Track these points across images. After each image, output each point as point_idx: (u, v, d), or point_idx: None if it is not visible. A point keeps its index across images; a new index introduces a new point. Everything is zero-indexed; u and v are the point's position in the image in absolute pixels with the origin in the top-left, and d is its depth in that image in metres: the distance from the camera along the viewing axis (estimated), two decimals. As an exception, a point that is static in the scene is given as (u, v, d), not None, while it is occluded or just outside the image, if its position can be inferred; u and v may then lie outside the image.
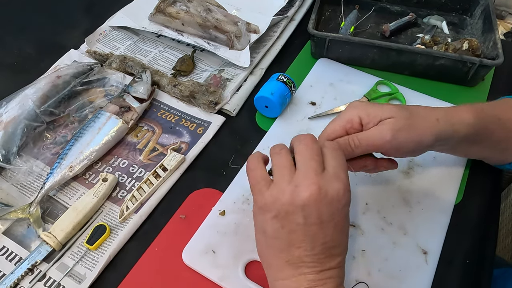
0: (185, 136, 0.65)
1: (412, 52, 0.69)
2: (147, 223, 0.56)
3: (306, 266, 0.39)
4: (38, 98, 0.64)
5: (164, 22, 0.79)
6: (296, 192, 0.38)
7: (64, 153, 0.59)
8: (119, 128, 0.62)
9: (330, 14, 0.84)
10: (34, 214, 0.55)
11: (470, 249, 0.54)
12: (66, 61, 0.75)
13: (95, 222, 0.55)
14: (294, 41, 0.80)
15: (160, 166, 0.60)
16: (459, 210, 0.56)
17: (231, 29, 0.75)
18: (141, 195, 0.57)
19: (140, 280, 0.51)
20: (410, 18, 0.81)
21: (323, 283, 0.39)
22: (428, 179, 0.59)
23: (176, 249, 0.52)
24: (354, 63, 0.74)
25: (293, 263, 0.39)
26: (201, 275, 0.50)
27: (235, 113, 0.68)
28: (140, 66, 0.72)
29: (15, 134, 0.61)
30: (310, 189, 0.38)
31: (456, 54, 0.68)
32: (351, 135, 0.47)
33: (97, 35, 0.80)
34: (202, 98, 0.67)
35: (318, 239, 0.39)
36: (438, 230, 0.54)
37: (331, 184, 0.39)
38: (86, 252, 0.53)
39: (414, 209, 0.56)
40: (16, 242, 0.54)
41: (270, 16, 0.80)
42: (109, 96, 0.69)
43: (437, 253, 0.52)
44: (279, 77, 0.66)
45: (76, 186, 0.59)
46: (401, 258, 0.52)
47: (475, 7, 0.81)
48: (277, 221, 0.39)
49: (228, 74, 0.73)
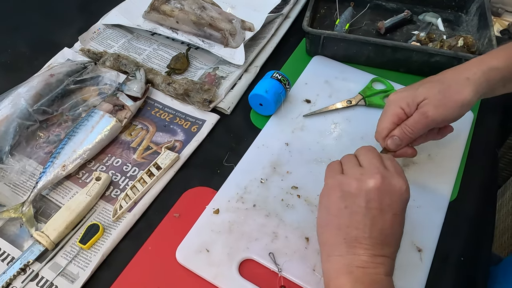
0: (179, 134, 0.64)
1: (407, 49, 0.69)
2: (140, 222, 0.56)
3: (361, 247, 0.42)
4: (31, 97, 0.64)
5: (159, 20, 0.79)
6: (362, 180, 0.43)
7: (57, 152, 0.59)
8: (112, 126, 0.62)
9: (325, 11, 0.84)
10: (26, 214, 0.54)
11: (465, 246, 0.54)
12: (60, 59, 0.74)
13: (88, 221, 0.55)
14: (289, 38, 0.80)
15: (154, 164, 0.59)
16: (454, 207, 0.56)
17: (226, 26, 0.75)
18: (134, 193, 0.57)
19: (134, 279, 0.50)
20: (406, 15, 0.80)
21: (375, 266, 0.41)
22: (423, 176, 0.59)
23: (170, 248, 0.52)
24: (349, 60, 0.74)
25: (349, 242, 0.42)
26: (195, 274, 0.50)
27: (230, 111, 0.68)
28: (134, 64, 0.71)
29: (7, 133, 0.60)
30: (375, 178, 0.43)
31: (451, 51, 0.68)
32: (401, 125, 0.52)
33: (91, 33, 0.79)
34: (197, 96, 0.67)
35: (376, 224, 0.42)
36: (433, 227, 0.54)
37: (394, 178, 0.44)
38: (79, 251, 0.52)
39: (409, 206, 0.55)
40: (9, 242, 0.53)
41: (265, 13, 0.80)
42: (102, 94, 0.69)
43: (432, 250, 0.52)
44: (273, 74, 0.65)
45: (69, 185, 0.59)
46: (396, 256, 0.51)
47: (470, 4, 0.81)
48: (342, 201, 0.43)
49: (222, 72, 0.73)
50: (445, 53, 0.67)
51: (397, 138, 0.52)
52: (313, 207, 0.56)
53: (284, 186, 0.58)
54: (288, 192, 0.57)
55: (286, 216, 0.55)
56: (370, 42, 0.69)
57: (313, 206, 0.56)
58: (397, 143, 0.52)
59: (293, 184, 0.58)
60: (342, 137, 0.64)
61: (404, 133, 0.52)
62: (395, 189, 0.43)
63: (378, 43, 0.69)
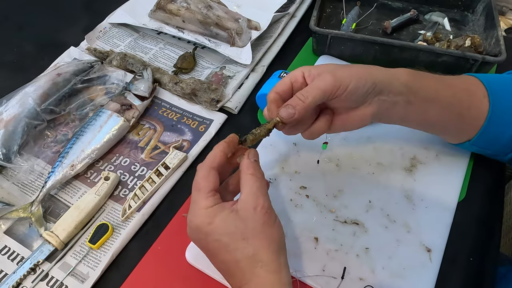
0: (187, 134, 0.64)
1: (414, 49, 0.69)
2: (149, 222, 0.56)
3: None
4: (39, 96, 0.64)
5: (165, 19, 0.79)
6: None
7: (66, 151, 0.59)
8: (120, 126, 0.62)
9: (332, 10, 0.84)
10: (35, 213, 0.54)
11: (474, 246, 0.54)
12: (66, 58, 0.74)
13: (97, 221, 0.55)
14: (296, 38, 0.80)
15: (162, 164, 0.59)
16: (463, 207, 0.56)
17: (232, 26, 0.75)
18: (143, 193, 0.57)
19: (143, 279, 0.50)
20: (412, 15, 0.80)
21: None
22: (431, 176, 0.59)
23: (179, 248, 0.52)
24: (356, 60, 0.74)
25: None
26: (205, 274, 0.50)
27: (237, 110, 0.68)
28: (141, 64, 0.71)
29: (15, 132, 0.60)
30: None
31: (458, 51, 0.68)
32: (298, 92, 0.47)
33: (97, 32, 0.79)
34: (204, 95, 0.67)
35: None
36: (442, 227, 0.54)
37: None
38: (89, 251, 0.52)
39: (418, 206, 0.56)
40: (18, 242, 0.53)
41: (270, 12, 0.80)
42: (109, 94, 0.69)
43: (441, 250, 0.52)
44: (281, 74, 0.65)
45: (77, 185, 0.59)
46: (405, 256, 0.51)
47: (476, 4, 0.80)
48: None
49: (229, 71, 0.73)
50: (453, 53, 0.67)
51: (290, 106, 0.46)
52: (322, 207, 0.56)
53: (293, 186, 0.58)
54: (297, 192, 0.57)
55: (295, 216, 0.55)
56: (377, 42, 0.69)
57: (321, 206, 0.56)
58: (289, 112, 0.46)
59: (301, 184, 0.58)
60: (349, 137, 0.64)
61: (298, 99, 0.46)
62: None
63: (385, 42, 0.69)
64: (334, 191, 0.57)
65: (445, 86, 0.51)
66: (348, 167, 0.60)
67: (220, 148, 0.45)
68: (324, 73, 0.47)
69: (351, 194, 0.57)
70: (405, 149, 0.62)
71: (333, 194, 0.57)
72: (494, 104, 0.51)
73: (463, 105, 0.52)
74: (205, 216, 0.42)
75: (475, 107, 0.52)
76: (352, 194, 0.57)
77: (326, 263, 0.51)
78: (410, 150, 0.62)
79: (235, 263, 0.41)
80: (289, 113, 0.46)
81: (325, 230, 0.54)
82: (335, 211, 0.55)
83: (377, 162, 0.60)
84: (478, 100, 0.52)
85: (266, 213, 0.41)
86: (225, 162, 0.45)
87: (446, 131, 0.57)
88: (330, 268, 0.50)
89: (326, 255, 0.51)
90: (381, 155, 0.61)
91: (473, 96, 0.52)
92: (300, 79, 0.49)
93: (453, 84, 0.52)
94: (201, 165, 0.45)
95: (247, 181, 0.43)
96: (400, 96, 0.49)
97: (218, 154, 0.45)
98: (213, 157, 0.45)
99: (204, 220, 0.41)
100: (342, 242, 0.52)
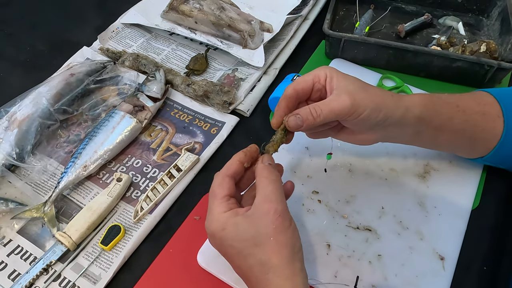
0: (199, 136, 0.64)
1: (429, 53, 0.68)
2: (161, 224, 0.56)
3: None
4: (52, 96, 0.64)
5: (177, 20, 0.79)
6: None
7: (78, 152, 0.59)
8: (133, 127, 0.62)
9: (344, 13, 0.83)
10: (48, 214, 0.55)
11: (488, 255, 0.53)
12: (79, 58, 0.75)
13: (110, 222, 0.55)
14: (308, 40, 0.80)
15: (174, 166, 0.59)
16: (476, 215, 0.56)
17: (245, 27, 0.75)
18: (155, 195, 0.57)
19: (155, 281, 0.51)
20: (426, 19, 0.80)
21: None
22: (444, 183, 0.59)
23: (191, 251, 0.52)
24: (369, 64, 0.74)
25: None
26: (217, 278, 0.50)
27: (249, 113, 0.68)
28: (154, 65, 0.71)
29: (29, 132, 0.61)
30: None
31: (474, 57, 0.67)
32: (312, 104, 0.47)
33: (109, 32, 0.79)
34: (216, 98, 0.66)
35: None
36: (455, 235, 0.54)
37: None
38: (101, 252, 0.53)
39: (431, 213, 0.56)
40: (31, 241, 0.54)
41: (283, 14, 0.80)
42: (122, 94, 0.69)
43: (455, 259, 0.52)
44: (294, 77, 0.65)
45: (90, 186, 0.59)
46: (418, 264, 0.51)
47: (492, 8, 0.80)
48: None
49: (241, 73, 0.73)
50: (468, 58, 0.67)
51: (300, 118, 0.46)
52: (334, 212, 0.55)
53: (305, 190, 0.57)
54: (309, 196, 0.57)
55: (307, 221, 0.55)
56: (391, 46, 0.69)
57: (334, 212, 0.55)
58: (297, 123, 0.46)
59: (313, 188, 0.58)
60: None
61: (310, 113, 0.46)
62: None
63: (399, 47, 0.69)
64: (346, 197, 0.57)
65: (459, 112, 0.51)
66: (361, 172, 0.60)
67: (236, 158, 0.46)
68: (344, 94, 0.46)
69: (363, 199, 0.57)
70: (418, 155, 0.61)
71: (345, 200, 0.57)
72: (508, 124, 0.51)
73: (476, 130, 0.51)
74: (219, 221, 0.42)
75: (489, 129, 0.51)
76: (364, 200, 0.57)
77: (338, 269, 0.50)
78: (423, 156, 0.61)
79: (249, 269, 0.40)
80: (297, 124, 0.47)
81: (338, 236, 0.53)
82: (347, 217, 0.55)
83: (390, 168, 0.60)
84: (492, 121, 0.51)
85: (279, 217, 0.41)
86: (242, 171, 0.46)
87: (456, 151, 0.57)
88: (342, 275, 0.50)
89: (338, 261, 0.51)
90: (394, 161, 0.61)
91: (488, 117, 0.51)
92: (322, 81, 0.48)
93: (467, 107, 0.51)
94: (217, 174, 0.45)
95: (260, 185, 0.43)
96: (409, 127, 0.49)
97: (234, 163, 0.45)
98: (229, 165, 0.45)
99: (218, 226, 0.41)
100: (355, 249, 0.52)
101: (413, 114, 0.48)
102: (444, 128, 0.50)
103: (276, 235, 0.40)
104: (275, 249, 0.40)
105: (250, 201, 0.45)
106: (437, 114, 0.50)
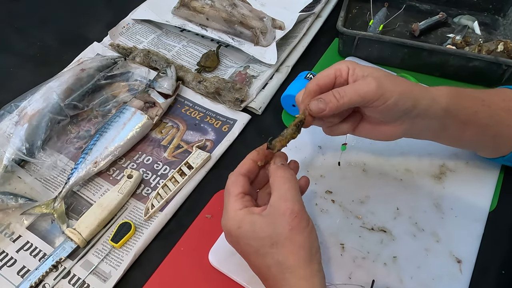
0: (210, 133, 0.64)
1: (445, 53, 0.67)
2: (172, 222, 0.55)
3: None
4: (63, 91, 0.63)
5: (188, 16, 0.78)
6: None
7: (89, 148, 0.58)
8: (144, 124, 0.61)
9: (358, 11, 0.82)
10: (58, 210, 0.54)
11: (506, 258, 0.52)
12: (89, 54, 0.74)
13: (120, 219, 0.55)
14: (321, 38, 0.79)
15: (185, 163, 0.58)
16: (494, 218, 0.54)
17: (257, 24, 0.74)
18: (166, 193, 0.56)
19: (166, 280, 0.50)
20: (441, 18, 0.78)
21: None
22: (461, 184, 0.57)
23: (202, 250, 0.51)
24: (383, 62, 0.72)
25: None
26: (229, 278, 0.49)
27: (261, 111, 0.67)
28: (165, 61, 0.71)
29: (39, 127, 0.60)
30: None
31: (491, 56, 0.66)
32: (335, 89, 0.45)
33: (120, 28, 0.79)
34: (228, 95, 0.66)
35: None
36: (472, 238, 0.52)
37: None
38: (111, 250, 0.52)
39: (447, 215, 0.54)
40: (40, 238, 0.53)
41: (295, 12, 0.79)
42: (132, 90, 0.68)
43: (472, 262, 0.50)
44: (307, 75, 0.64)
45: (100, 182, 0.58)
46: (434, 266, 0.50)
47: (508, 7, 0.78)
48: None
49: (253, 71, 0.72)
50: (485, 58, 0.65)
51: (322, 101, 0.45)
52: (348, 213, 0.54)
53: (318, 190, 0.56)
54: (322, 196, 0.56)
55: (321, 222, 0.53)
56: (406, 44, 0.68)
57: (347, 212, 0.54)
58: (320, 107, 0.45)
59: (327, 188, 0.57)
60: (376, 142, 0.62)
61: (333, 96, 0.44)
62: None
63: (414, 45, 0.67)
64: (360, 197, 0.56)
65: (484, 107, 0.49)
66: (375, 172, 0.58)
67: (250, 156, 0.46)
68: (370, 77, 0.45)
69: (378, 200, 0.56)
70: (433, 156, 0.60)
71: (359, 200, 0.56)
72: None
73: (501, 126, 0.50)
74: (234, 219, 0.41)
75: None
76: (379, 200, 0.56)
77: (353, 270, 0.49)
78: (439, 156, 0.60)
79: (267, 268, 0.40)
80: (320, 108, 0.45)
81: (352, 236, 0.52)
82: (361, 217, 0.54)
83: (405, 168, 0.59)
84: None
85: (296, 218, 0.40)
86: (255, 170, 0.45)
87: (479, 149, 0.56)
88: (356, 276, 0.49)
89: (353, 262, 0.50)
90: (409, 161, 0.60)
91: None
92: (344, 74, 0.47)
93: (492, 102, 0.50)
94: (232, 173, 0.45)
95: (274, 183, 0.42)
96: (436, 119, 0.48)
97: (248, 161, 0.45)
98: (242, 164, 0.45)
99: (234, 224, 0.41)
100: (369, 250, 0.51)
101: (440, 106, 0.47)
102: (470, 123, 0.49)
103: (292, 236, 0.39)
104: (292, 250, 0.39)
105: (266, 198, 0.44)
106: (463, 108, 0.48)
